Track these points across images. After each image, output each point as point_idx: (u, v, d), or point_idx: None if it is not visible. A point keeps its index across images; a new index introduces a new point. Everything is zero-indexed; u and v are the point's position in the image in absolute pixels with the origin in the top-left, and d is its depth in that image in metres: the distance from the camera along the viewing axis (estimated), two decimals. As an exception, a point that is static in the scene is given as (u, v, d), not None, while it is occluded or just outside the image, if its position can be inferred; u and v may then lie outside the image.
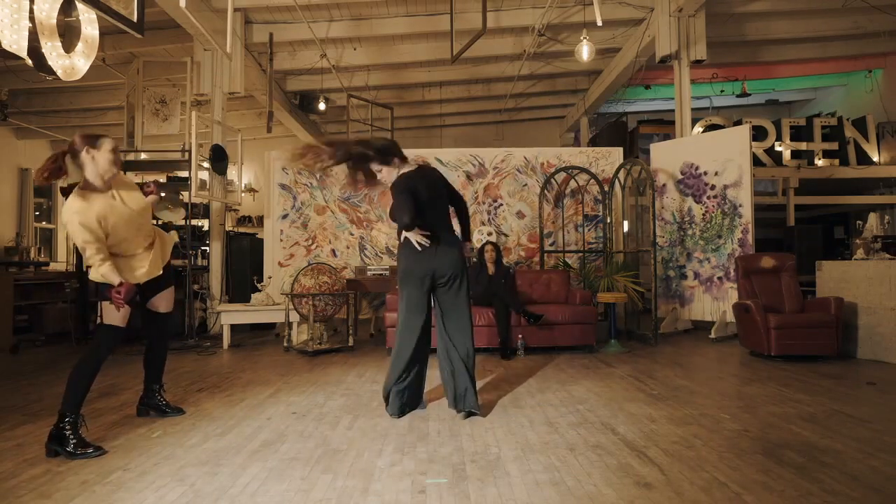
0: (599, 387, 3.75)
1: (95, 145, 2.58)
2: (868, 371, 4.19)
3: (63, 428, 2.47)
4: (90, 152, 2.56)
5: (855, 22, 7.32)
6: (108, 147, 2.60)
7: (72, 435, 2.46)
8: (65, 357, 5.21)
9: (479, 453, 2.47)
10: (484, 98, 9.75)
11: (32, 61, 3.15)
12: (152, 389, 3.12)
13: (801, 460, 2.34)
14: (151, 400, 3.11)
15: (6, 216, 9.06)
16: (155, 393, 3.11)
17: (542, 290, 5.76)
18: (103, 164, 2.59)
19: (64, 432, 2.46)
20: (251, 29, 7.02)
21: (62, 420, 2.48)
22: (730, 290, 5.88)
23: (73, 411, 2.51)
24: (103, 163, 2.59)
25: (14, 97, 8.09)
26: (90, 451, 2.46)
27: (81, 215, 2.51)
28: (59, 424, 2.48)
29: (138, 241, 2.77)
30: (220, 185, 6.63)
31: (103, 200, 2.60)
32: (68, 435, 2.46)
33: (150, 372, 3.12)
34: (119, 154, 2.67)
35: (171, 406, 3.14)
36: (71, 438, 2.46)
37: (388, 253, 7.05)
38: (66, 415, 2.49)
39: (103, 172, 2.60)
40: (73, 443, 2.45)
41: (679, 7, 6.23)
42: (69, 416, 2.49)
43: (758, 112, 10.15)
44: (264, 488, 2.12)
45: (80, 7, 3.42)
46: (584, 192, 7.02)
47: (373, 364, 4.71)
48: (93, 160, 2.57)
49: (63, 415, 2.49)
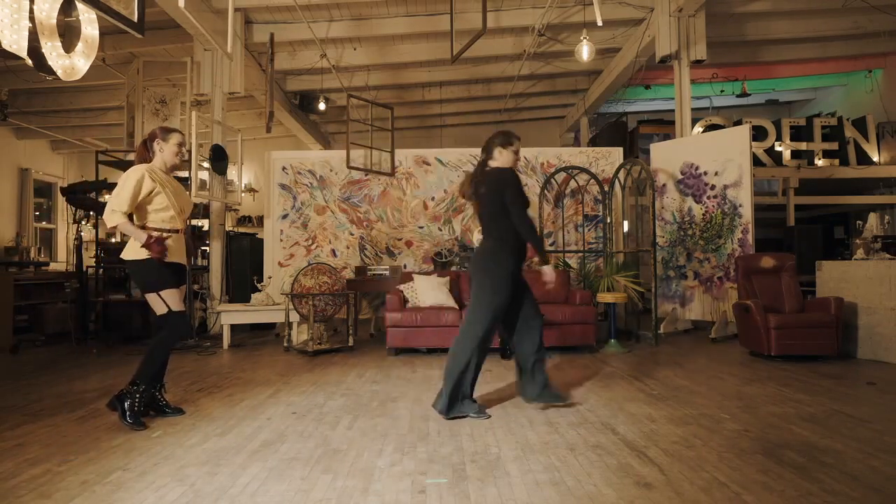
0: (599, 387, 3.75)
1: (166, 138, 3.07)
2: (868, 371, 4.19)
3: (132, 393, 2.89)
4: (159, 144, 3.06)
5: (855, 22, 7.32)
6: (174, 141, 3.09)
7: (138, 403, 2.88)
8: (65, 357, 5.21)
9: (479, 453, 2.47)
10: (484, 98, 9.75)
11: (32, 61, 3.14)
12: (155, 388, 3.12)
13: (802, 460, 2.34)
14: (151, 399, 3.11)
15: (6, 216, 9.06)
16: (155, 392, 3.11)
17: (541, 290, 5.75)
18: (168, 154, 3.08)
19: (133, 398, 2.88)
20: (251, 29, 7.02)
21: (133, 384, 2.91)
22: (730, 290, 5.87)
23: (143, 382, 2.93)
24: (169, 153, 3.08)
25: (14, 97, 8.09)
26: (136, 425, 2.83)
27: (140, 177, 2.93)
28: (129, 388, 2.90)
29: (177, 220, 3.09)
30: (220, 185, 6.63)
31: (164, 176, 3.08)
32: (135, 401, 2.87)
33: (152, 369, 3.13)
34: (184, 148, 3.13)
35: (170, 406, 3.15)
36: (134, 405, 2.87)
37: (388, 253, 7.06)
38: (136, 382, 2.92)
39: (168, 160, 3.09)
40: (131, 412, 2.86)
41: (679, 7, 6.23)
42: (139, 385, 2.91)
43: (758, 112, 10.15)
44: (264, 488, 2.12)
45: (80, 7, 3.42)
46: (584, 192, 7.02)
47: (373, 364, 4.71)
48: (161, 151, 3.07)
49: (134, 382, 2.92)
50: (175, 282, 3.04)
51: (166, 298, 2.99)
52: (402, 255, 7.07)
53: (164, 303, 2.98)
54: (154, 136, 3.08)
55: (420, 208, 7.12)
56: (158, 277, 2.97)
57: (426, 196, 7.13)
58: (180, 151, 3.10)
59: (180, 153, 3.10)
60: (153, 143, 3.07)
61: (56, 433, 2.82)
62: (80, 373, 4.43)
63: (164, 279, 2.99)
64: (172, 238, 3.05)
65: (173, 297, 3.01)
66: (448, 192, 7.12)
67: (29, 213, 9.40)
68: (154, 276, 2.97)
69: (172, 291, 3.01)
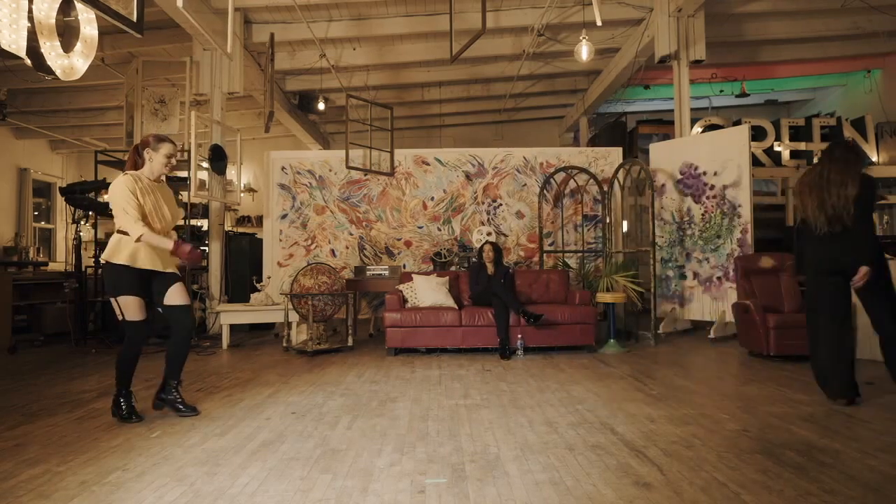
0: (599, 387, 3.75)
1: (156, 148, 3.07)
2: (867, 371, 4.19)
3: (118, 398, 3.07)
4: (149, 153, 3.07)
5: (854, 22, 7.33)
6: (164, 151, 3.08)
7: (124, 404, 3.05)
8: (64, 357, 5.21)
9: (479, 453, 2.47)
10: (483, 98, 9.75)
11: (31, 61, 3.14)
12: (169, 385, 3.14)
13: (800, 460, 2.34)
14: (168, 395, 3.14)
15: (5, 216, 9.05)
16: (172, 388, 3.14)
17: (541, 290, 5.77)
18: (157, 164, 3.09)
19: (119, 401, 3.06)
20: (250, 29, 7.02)
21: (117, 393, 3.07)
22: (729, 290, 5.88)
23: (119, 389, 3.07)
24: (157, 163, 3.09)
25: (13, 97, 8.08)
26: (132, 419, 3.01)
27: (130, 186, 2.97)
28: (116, 396, 3.08)
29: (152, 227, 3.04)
30: (219, 185, 6.63)
31: (145, 183, 3.06)
32: (121, 404, 3.05)
33: (168, 366, 3.15)
34: (173, 159, 3.12)
35: (186, 405, 3.15)
36: (123, 406, 3.04)
37: (388, 253, 7.06)
38: (118, 390, 3.07)
39: (155, 170, 3.10)
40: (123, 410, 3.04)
41: (678, 7, 6.23)
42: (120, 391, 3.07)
43: (757, 112, 10.15)
44: (263, 488, 2.11)
45: (79, 7, 3.42)
46: (584, 192, 7.03)
47: (372, 364, 4.71)
48: (150, 160, 3.08)
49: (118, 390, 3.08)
50: (137, 290, 2.98)
51: (121, 304, 2.95)
52: (401, 255, 7.07)
53: (119, 309, 2.97)
54: (146, 144, 3.08)
55: (419, 208, 7.12)
56: (116, 282, 2.94)
57: (425, 196, 7.13)
58: (169, 162, 3.09)
59: (169, 164, 3.10)
60: (144, 150, 3.07)
61: (55, 433, 2.81)
62: (78, 373, 4.43)
63: (121, 285, 2.94)
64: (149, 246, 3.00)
65: (129, 305, 2.96)
66: (447, 192, 7.13)
67: (28, 213, 9.39)
68: (112, 280, 2.97)
69: (130, 299, 2.95)
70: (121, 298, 2.95)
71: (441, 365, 4.65)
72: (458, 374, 4.26)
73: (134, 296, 2.97)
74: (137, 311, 2.99)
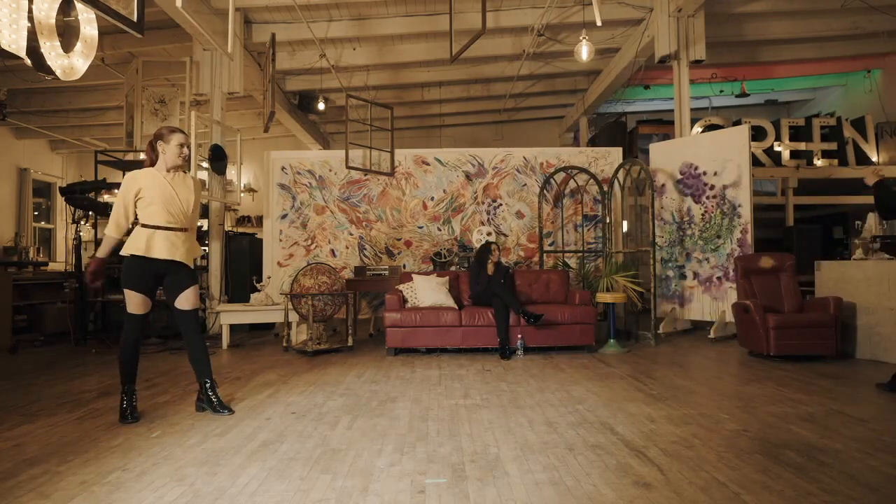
0: (599, 387, 3.75)
1: (167, 139, 3.08)
2: (867, 371, 4.20)
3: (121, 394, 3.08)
4: (161, 145, 3.09)
5: (854, 22, 7.33)
6: (175, 141, 3.09)
7: (125, 401, 3.05)
8: (64, 357, 5.21)
9: (479, 453, 2.47)
10: (483, 98, 9.75)
11: (31, 61, 3.14)
12: (203, 385, 3.18)
13: (800, 460, 2.34)
14: (203, 395, 3.17)
15: (5, 216, 9.05)
16: (206, 389, 3.16)
17: (541, 290, 5.77)
18: (170, 155, 3.10)
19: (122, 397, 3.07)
20: (251, 29, 7.02)
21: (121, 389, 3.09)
22: (729, 290, 5.88)
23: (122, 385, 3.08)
24: (170, 154, 3.10)
25: (13, 97, 8.08)
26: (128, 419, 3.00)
27: (130, 184, 3.02)
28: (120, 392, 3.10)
29: (163, 216, 3.05)
30: (219, 184, 6.63)
31: (153, 176, 3.07)
32: (122, 400, 3.05)
33: (195, 369, 3.19)
34: (185, 148, 3.12)
35: (222, 404, 3.17)
36: (123, 402, 3.05)
37: (388, 253, 7.05)
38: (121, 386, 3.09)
39: (169, 161, 3.11)
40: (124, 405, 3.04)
41: (678, 7, 6.23)
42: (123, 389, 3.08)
43: (757, 112, 10.16)
44: (263, 488, 2.11)
45: (80, 7, 3.41)
46: (584, 192, 7.03)
47: (372, 364, 4.71)
48: (163, 152, 3.10)
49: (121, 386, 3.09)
50: (143, 287, 3.03)
51: (126, 296, 3.04)
52: (401, 255, 7.07)
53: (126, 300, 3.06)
54: (159, 137, 3.11)
55: (419, 208, 7.12)
56: (126, 274, 3.04)
57: (425, 196, 7.13)
58: (181, 152, 3.11)
59: (182, 153, 3.11)
60: (157, 143, 3.10)
61: (55, 433, 2.81)
62: (78, 373, 4.43)
63: (129, 278, 3.02)
64: (164, 234, 3.03)
65: (131, 299, 3.03)
66: (447, 192, 7.13)
67: (28, 213, 9.40)
68: (124, 271, 3.05)
69: (133, 294, 3.03)
70: (127, 291, 3.03)
71: (441, 365, 4.65)
72: (458, 374, 4.26)
73: (137, 292, 3.03)
74: (138, 307, 3.05)
